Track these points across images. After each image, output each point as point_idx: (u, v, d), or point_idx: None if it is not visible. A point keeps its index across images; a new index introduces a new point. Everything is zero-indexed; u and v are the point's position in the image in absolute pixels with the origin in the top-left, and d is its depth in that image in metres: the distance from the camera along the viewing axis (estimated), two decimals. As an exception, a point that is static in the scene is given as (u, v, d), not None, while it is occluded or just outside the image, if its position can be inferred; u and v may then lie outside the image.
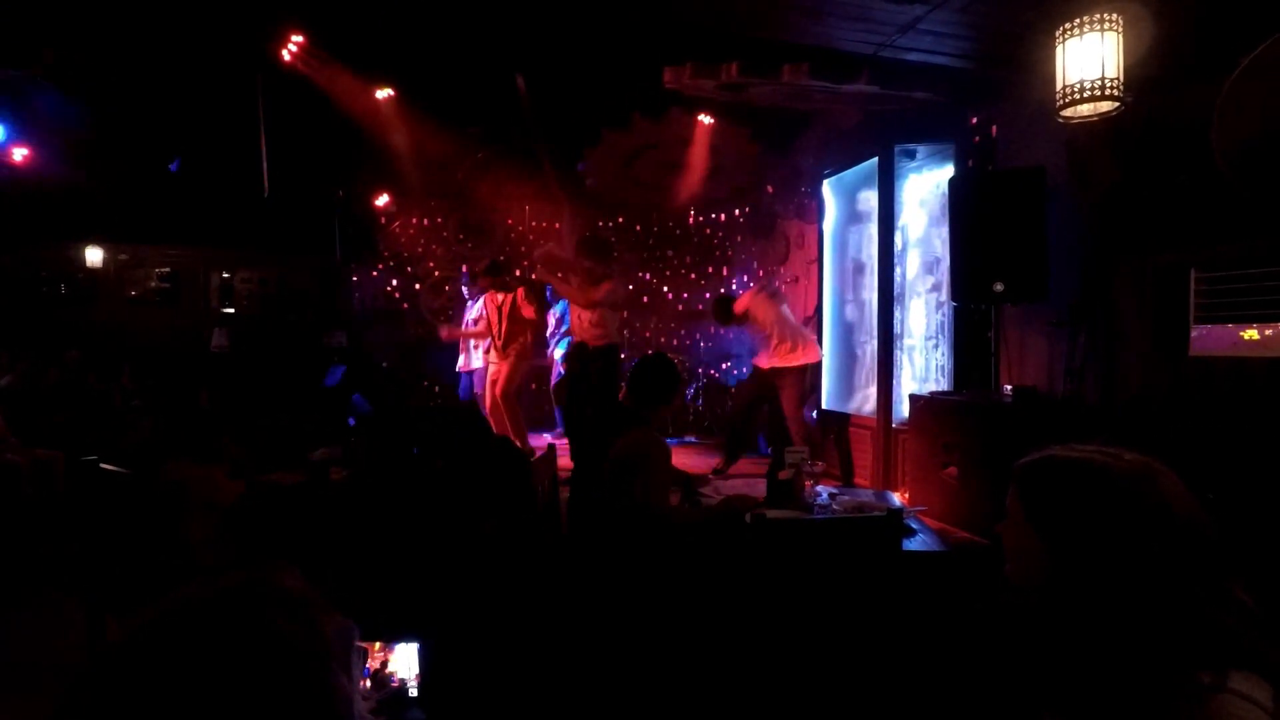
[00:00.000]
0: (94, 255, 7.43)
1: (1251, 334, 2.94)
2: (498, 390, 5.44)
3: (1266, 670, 0.86)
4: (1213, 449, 2.81)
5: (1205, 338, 3.10)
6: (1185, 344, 3.15)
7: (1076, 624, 0.95)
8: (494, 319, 5.65)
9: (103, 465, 2.47)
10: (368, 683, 1.33)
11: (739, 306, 5.05)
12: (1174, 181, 3.11)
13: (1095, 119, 3.04)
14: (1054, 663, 0.98)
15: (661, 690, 2.06)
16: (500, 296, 5.62)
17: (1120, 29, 2.89)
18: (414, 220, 8.08)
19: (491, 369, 5.68)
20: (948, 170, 4.54)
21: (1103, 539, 0.93)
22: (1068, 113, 3.04)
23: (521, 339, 5.59)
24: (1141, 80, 3.00)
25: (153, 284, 7.61)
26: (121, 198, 6.91)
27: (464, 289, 6.81)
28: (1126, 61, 2.91)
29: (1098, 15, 2.88)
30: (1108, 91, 2.88)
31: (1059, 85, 3.00)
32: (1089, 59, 2.90)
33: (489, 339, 5.71)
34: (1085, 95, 2.91)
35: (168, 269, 7.67)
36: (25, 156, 6.01)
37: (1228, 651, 0.87)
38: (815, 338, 5.17)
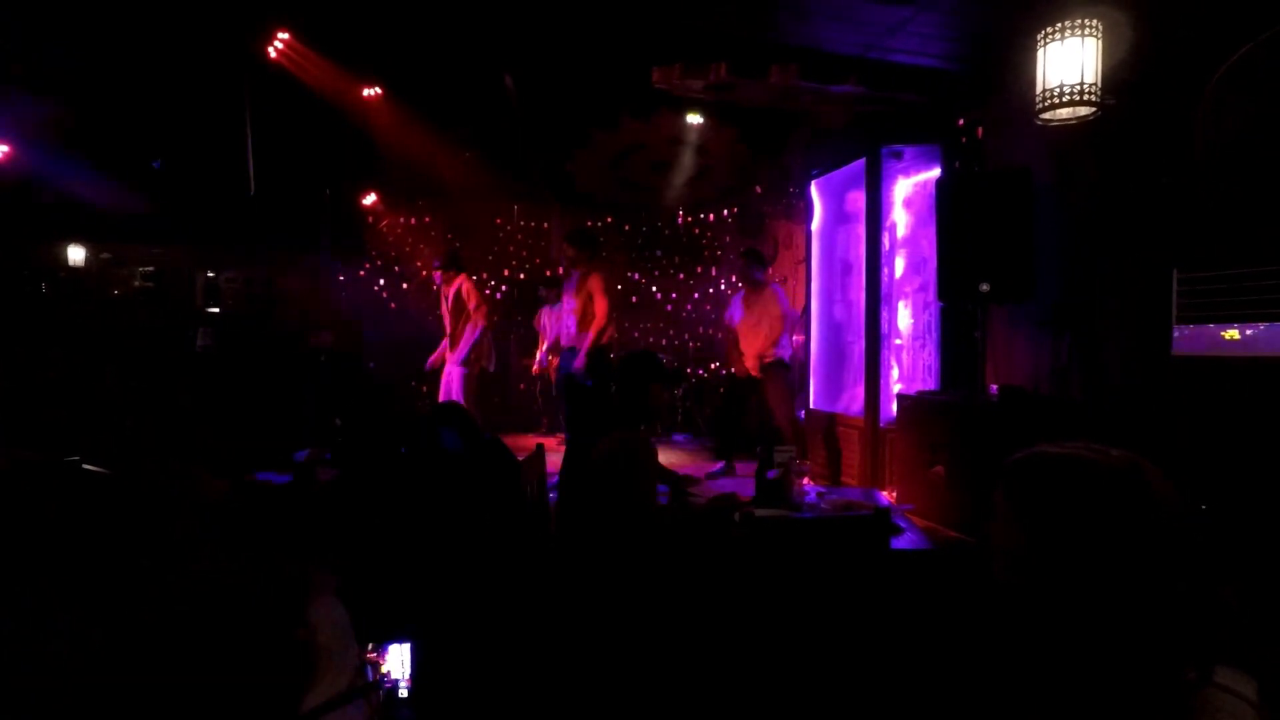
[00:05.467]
0: (76, 254, 7.34)
1: (1232, 334, 2.97)
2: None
3: (1251, 665, 0.88)
4: (1195, 447, 2.85)
5: (1187, 338, 3.14)
6: (1167, 344, 3.19)
7: (1063, 619, 0.96)
8: (445, 312, 5.40)
9: (85, 465, 2.44)
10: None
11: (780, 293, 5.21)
12: (1157, 183, 3.15)
13: (1074, 122, 3.08)
14: (1040, 658, 0.99)
15: (651, 689, 2.06)
16: (450, 290, 5.38)
17: (1100, 34, 2.93)
18: (401, 219, 8.05)
19: (446, 367, 5.43)
20: (935, 171, 4.57)
21: (1089, 534, 0.94)
22: (1046, 116, 3.07)
23: (469, 335, 5.33)
24: (1124, 83, 3.03)
25: (137, 283, 7.52)
26: (104, 196, 6.83)
27: None
28: (1108, 64, 2.95)
29: (1078, 20, 2.92)
30: (1086, 96, 2.92)
31: (1039, 89, 3.03)
32: (1069, 63, 2.94)
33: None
34: (1064, 99, 2.95)
35: (152, 268, 7.58)
36: (5, 154, 5.93)
37: (1213, 647, 0.88)
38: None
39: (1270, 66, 2.70)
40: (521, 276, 8.29)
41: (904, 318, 5.01)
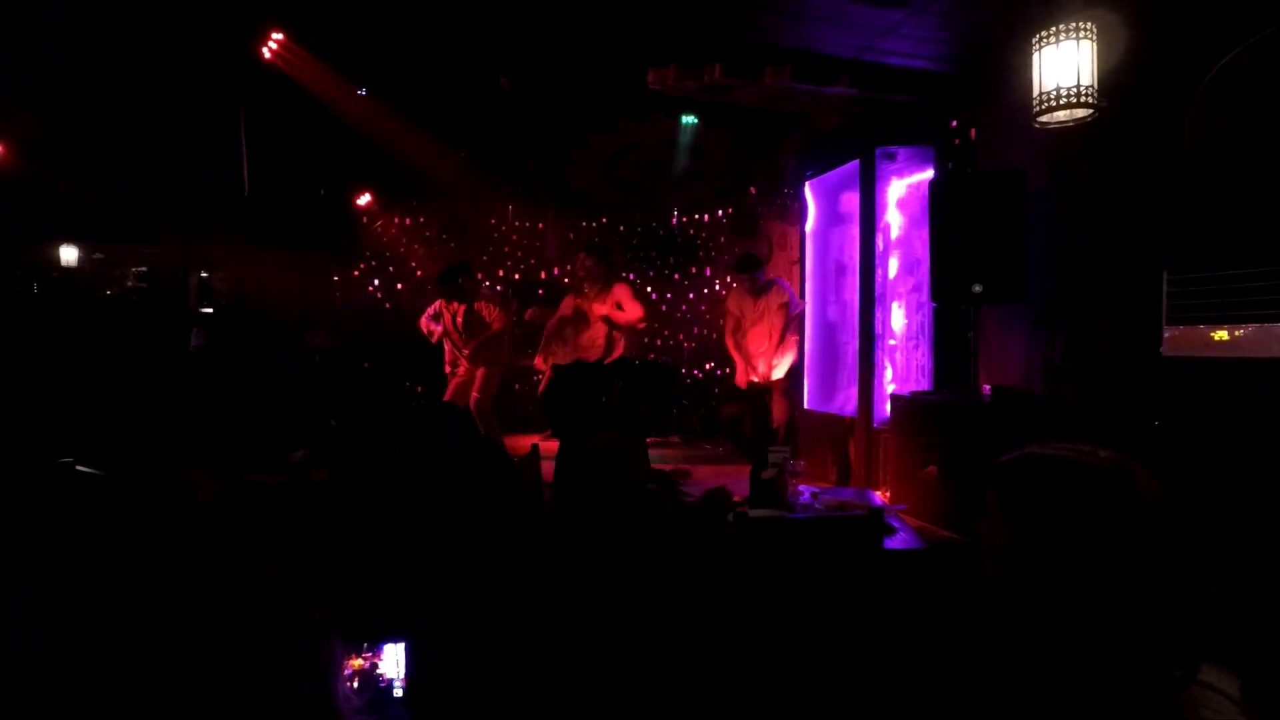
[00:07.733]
0: (68, 254, 7.31)
1: (1221, 335, 3.00)
2: (473, 402, 5.34)
3: (1236, 663, 0.89)
4: (1185, 448, 2.87)
5: (1177, 338, 3.16)
6: (1157, 344, 3.21)
7: (1052, 618, 0.97)
8: (452, 329, 5.52)
9: (79, 467, 2.44)
10: (354, 683, 1.33)
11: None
12: (1147, 184, 3.17)
13: (1071, 125, 3.10)
14: (1030, 656, 1.00)
15: (646, 687, 2.07)
16: (455, 305, 5.48)
17: (1094, 37, 2.95)
18: (396, 219, 8.04)
19: (459, 379, 5.56)
20: (928, 173, 4.59)
21: (1078, 534, 0.95)
22: (1044, 119, 3.10)
23: (492, 347, 5.51)
24: (1116, 85, 3.06)
25: (130, 283, 7.49)
26: (97, 196, 6.81)
27: None
28: (1101, 67, 2.97)
29: (1073, 23, 2.94)
30: (1083, 99, 2.94)
31: (1035, 92, 3.05)
32: (1064, 66, 2.96)
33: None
34: (1061, 102, 2.97)
35: (145, 268, 7.55)
36: (-3, 153, 5.90)
37: (1199, 645, 0.89)
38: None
39: (1260, 70, 2.72)
40: (516, 277, 8.29)
41: (897, 318, 5.03)
